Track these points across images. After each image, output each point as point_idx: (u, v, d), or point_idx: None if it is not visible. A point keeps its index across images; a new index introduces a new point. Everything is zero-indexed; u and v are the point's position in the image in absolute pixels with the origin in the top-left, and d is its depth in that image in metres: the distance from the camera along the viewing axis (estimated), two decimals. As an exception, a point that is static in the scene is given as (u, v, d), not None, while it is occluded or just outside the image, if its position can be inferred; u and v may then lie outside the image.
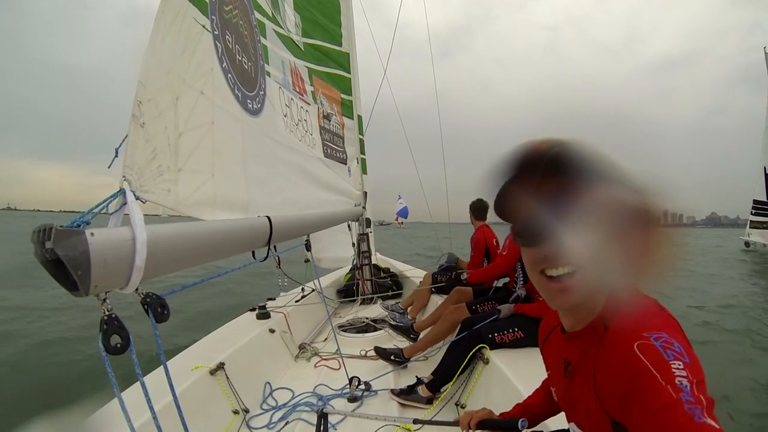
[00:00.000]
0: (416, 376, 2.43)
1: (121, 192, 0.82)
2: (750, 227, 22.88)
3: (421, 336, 2.95)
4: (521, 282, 2.75)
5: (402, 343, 3.05)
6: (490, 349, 2.32)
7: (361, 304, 4.10)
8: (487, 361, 2.27)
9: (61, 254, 0.67)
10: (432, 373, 2.39)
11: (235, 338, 2.51)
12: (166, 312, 0.85)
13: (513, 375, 2.07)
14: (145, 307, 0.83)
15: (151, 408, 0.91)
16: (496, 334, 2.35)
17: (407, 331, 3.09)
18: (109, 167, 0.86)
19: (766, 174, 21.57)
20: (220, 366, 2.11)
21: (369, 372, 2.60)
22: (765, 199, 21.74)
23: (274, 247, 2.79)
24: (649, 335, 0.61)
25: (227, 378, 2.11)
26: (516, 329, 2.37)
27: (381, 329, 3.39)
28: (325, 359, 2.91)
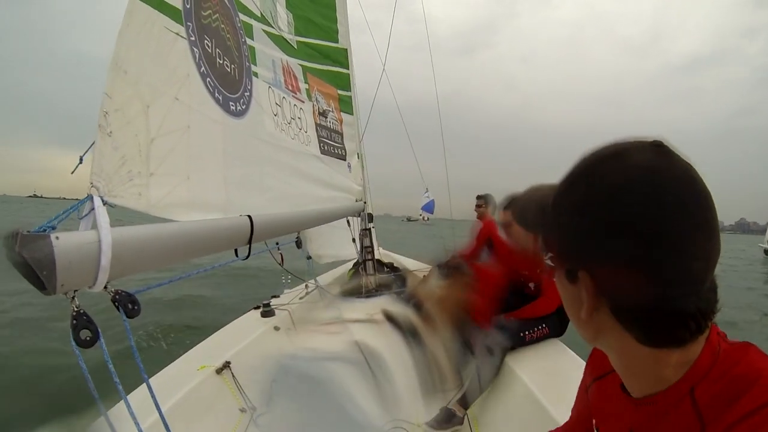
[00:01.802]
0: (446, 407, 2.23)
1: (89, 198, 0.88)
2: None
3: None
4: None
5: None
6: (518, 347, 2.29)
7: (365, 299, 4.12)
8: None
9: (27, 257, 0.73)
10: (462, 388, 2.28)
11: (240, 337, 2.54)
12: (136, 308, 0.91)
13: (522, 372, 2.12)
14: (116, 303, 0.89)
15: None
16: (527, 332, 2.32)
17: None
18: (72, 173, 0.92)
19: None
20: (226, 365, 2.14)
21: (377, 338, 2.55)
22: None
23: (276, 244, 2.84)
24: None
25: (233, 377, 2.14)
26: (543, 326, 2.35)
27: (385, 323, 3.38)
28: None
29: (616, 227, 0.46)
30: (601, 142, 0.53)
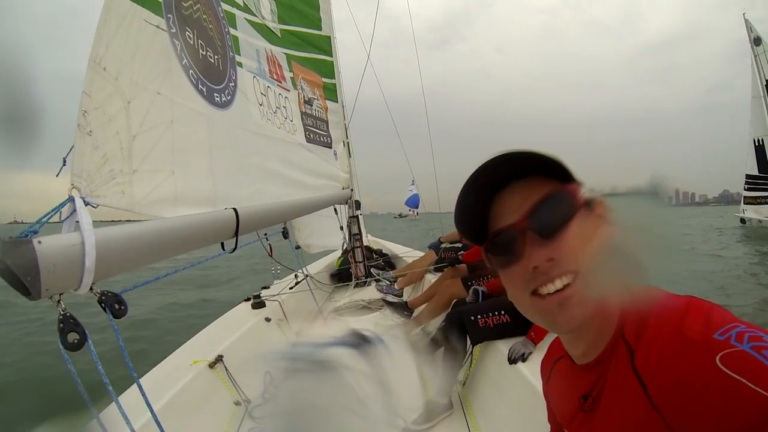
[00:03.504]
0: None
1: (70, 199, 0.87)
2: (744, 203, 22.39)
3: (416, 313, 3.01)
4: None
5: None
6: (479, 336, 2.15)
7: (355, 287, 4.15)
8: None
9: (10, 263, 0.72)
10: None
11: (232, 330, 2.53)
12: (123, 308, 0.91)
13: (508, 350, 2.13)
14: (102, 305, 0.89)
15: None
16: (479, 317, 2.15)
17: (401, 307, 3.17)
18: (57, 176, 0.90)
19: (755, 147, 20.83)
20: (219, 359, 2.13)
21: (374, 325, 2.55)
22: (757, 173, 21.09)
23: (266, 235, 2.84)
24: (720, 336, 0.45)
25: (226, 370, 2.13)
26: (502, 312, 2.15)
27: (377, 311, 3.43)
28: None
29: None
30: (582, 124, 0.53)
